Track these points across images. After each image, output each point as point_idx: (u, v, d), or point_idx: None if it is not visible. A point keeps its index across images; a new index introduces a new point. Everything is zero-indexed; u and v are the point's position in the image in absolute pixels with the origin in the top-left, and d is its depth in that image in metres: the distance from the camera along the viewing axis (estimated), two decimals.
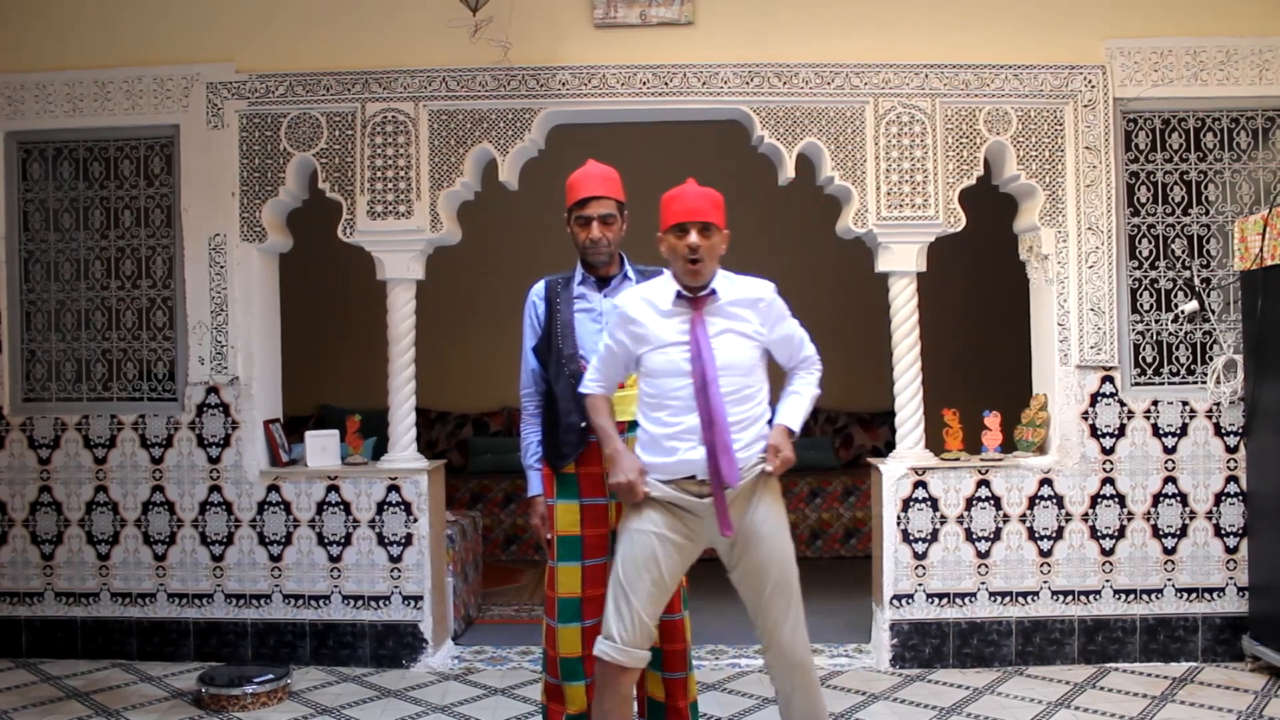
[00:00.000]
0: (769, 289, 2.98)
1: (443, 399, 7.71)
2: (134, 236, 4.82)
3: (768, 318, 2.95)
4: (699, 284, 2.86)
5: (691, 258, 2.82)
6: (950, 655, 4.57)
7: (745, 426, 2.88)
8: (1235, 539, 4.59)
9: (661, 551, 2.85)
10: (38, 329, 4.86)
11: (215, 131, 4.69)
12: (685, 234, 2.83)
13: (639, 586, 2.84)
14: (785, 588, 2.89)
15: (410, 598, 4.63)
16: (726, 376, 2.83)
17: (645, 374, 2.92)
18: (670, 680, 3.28)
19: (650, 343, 2.88)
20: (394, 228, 4.66)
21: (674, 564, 2.90)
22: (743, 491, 2.87)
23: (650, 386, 2.90)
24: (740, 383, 2.87)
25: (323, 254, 5.80)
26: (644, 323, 2.89)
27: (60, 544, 4.78)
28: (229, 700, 4.08)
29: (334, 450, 4.77)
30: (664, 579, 2.88)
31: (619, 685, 2.84)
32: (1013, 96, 4.62)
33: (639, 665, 2.86)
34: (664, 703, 3.31)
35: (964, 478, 4.60)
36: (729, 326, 2.88)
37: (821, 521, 6.98)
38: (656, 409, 2.88)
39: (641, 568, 2.85)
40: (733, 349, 2.87)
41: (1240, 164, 4.68)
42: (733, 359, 2.86)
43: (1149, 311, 4.68)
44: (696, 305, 2.86)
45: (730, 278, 2.96)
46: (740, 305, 2.92)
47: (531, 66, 4.65)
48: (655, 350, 2.87)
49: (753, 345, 2.92)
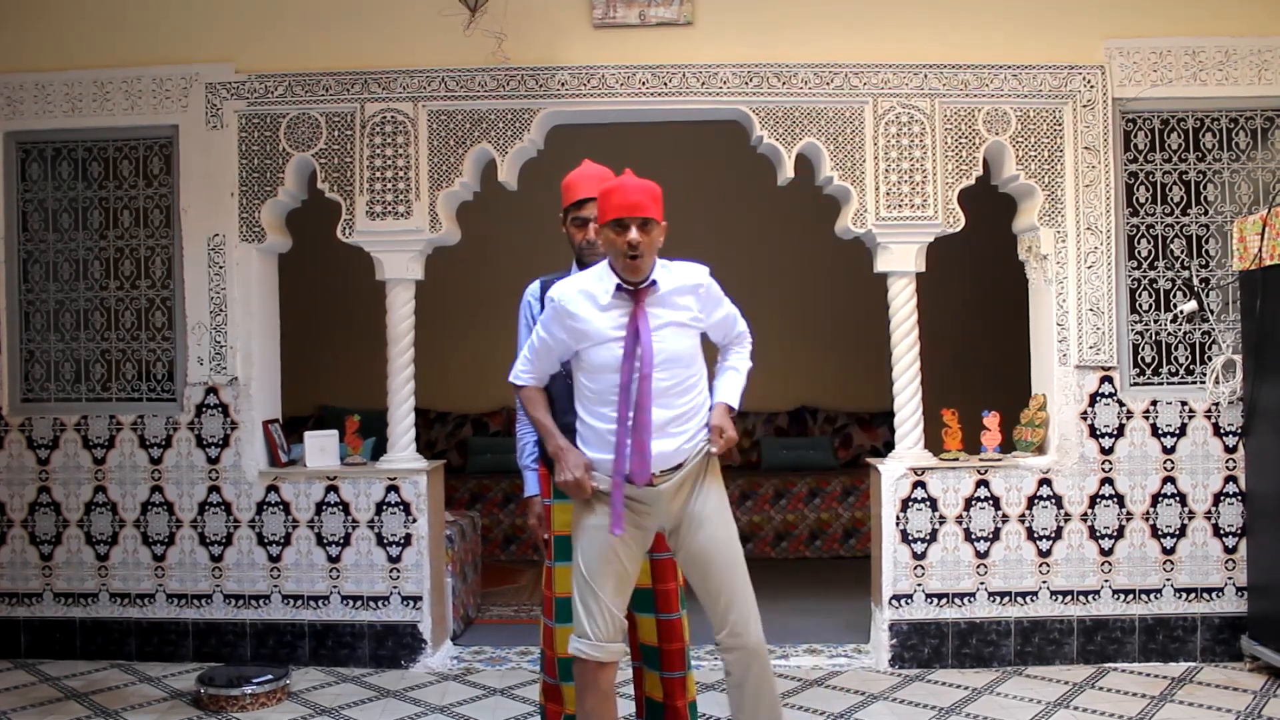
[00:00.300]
0: (705, 273, 2.95)
1: (442, 399, 7.71)
2: (133, 237, 4.82)
3: (706, 303, 2.94)
4: (639, 279, 2.83)
5: (631, 254, 2.77)
6: (949, 655, 4.57)
7: (689, 417, 2.88)
8: (1234, 539, 4.59)
9: (619, 544, 2.85)
10: (36, 329, 4.86)
11: (214, 132, 4.69)
12: (625, 230, 2.76)
13: (604, 582, 2.84)
14: (731, 570, 2.89)
15: (409, 598, 4.63)
16: (670, 369, 2.82)
17: (585, 369, 2.88)
18: (668, 680, 3.28)
19: (591, 338, 2.84)
20: (393, 228, 4.66)
21: (632, 553, 2.90)
22: (689, 475, 2.88)
23: (590, 381, 2.87)
24: (683, 374, 2.86)
25: (322, 254, 5.80)
26: (584, 318, 2.84)
27: (59, 544, 4.78)
28: (228, 701, 4.08)
29: (333, 450, 4.77)
30: (626, 570, 2.88)
31: (598, 682, 2.84)
32: (1012, 96, 4.62)
33: (615, 659, 2.85)
34: (662, 702, 3.31)
35: (963, 478, 4.60)
36: (671, 318, 2.85)
37: (820, 521, 6.98)
38: (599, 403, 2.85)
39: (603, 562, 2.84)
40: (675, 341, 2.85)
41: (1239, 164, 4.68)
42: (675, 351, 2.84)
43: (1148, 311, 4.68)
44: (637, 298, 2.81)
45: (667, 265, 2.91)
46: (680, 293, 2.88)
47: (531, 67, 4.64)
48: (596, 346, 2.84)
49: (693, 334, 2.92)
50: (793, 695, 4.23)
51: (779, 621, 5.29)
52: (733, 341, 3.12)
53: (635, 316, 2.80)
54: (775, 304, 7.89)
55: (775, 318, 7.89)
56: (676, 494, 2.87)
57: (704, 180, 7.73)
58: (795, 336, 7.87)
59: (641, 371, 2.77)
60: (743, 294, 8.45)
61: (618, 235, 2.77)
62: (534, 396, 3.03)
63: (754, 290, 7.77)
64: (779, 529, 6.97)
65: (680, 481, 2.87)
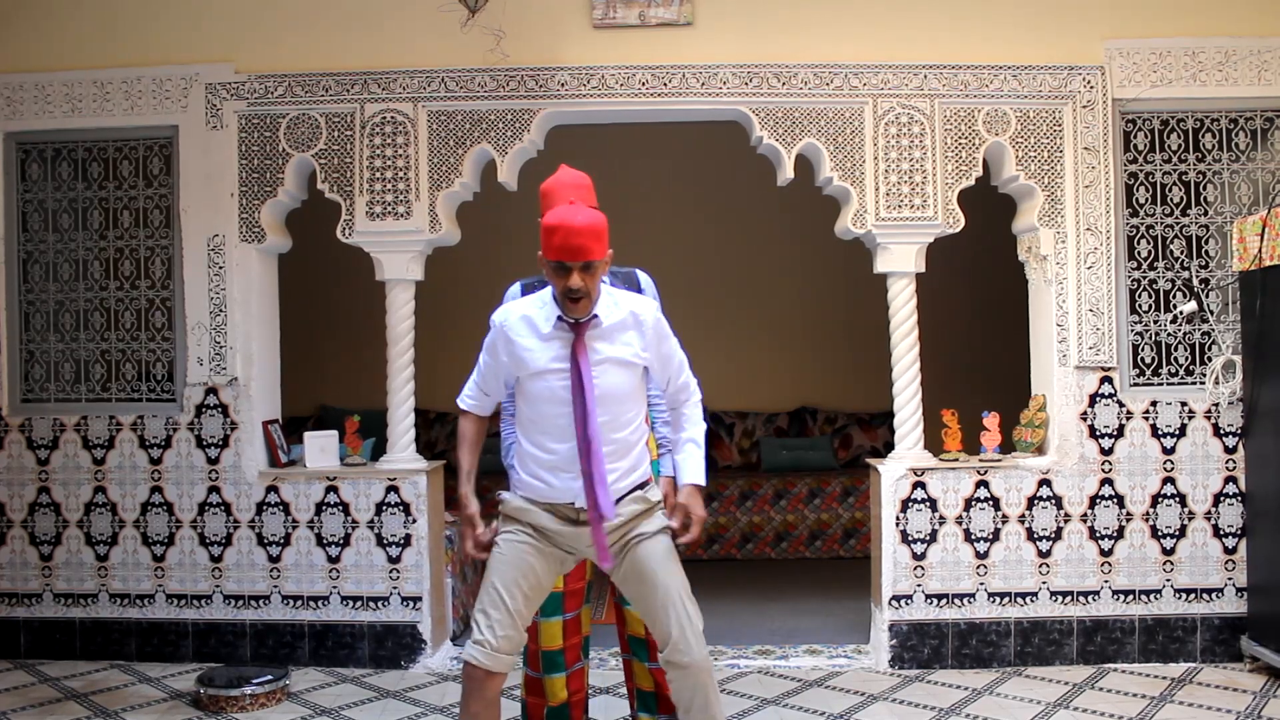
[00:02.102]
0: (652, 309, 2.88)
1: (442, 399, 7.67)
2: (133, 237, 4.82)
3: (650, 339, 2.85)
4: (581, 314, 2.75)
5: (572, 298, 2.70)
6: (949, 656, 4.57)
7: (623, 454, 2.82)
8: (1234, 539, 4.59)
9: (537, 561, 2.82)
10: (36, 330, 4.86)
11: (214, 132, 4.69)
12: (567, 274, 2.68)
13: (515, 593, 2.79)
14: (667, 588, 2.80)
15: (409, 598, 4.63)
16: (605, 404, 2.76)
17: (524, 397, 2.85)
18: (657, 670, 3.35)
19: (529, 367, 2.79)
20: (393, 228, 4.66)
21: (550, 570, 2.87)
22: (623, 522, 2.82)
23: (529, 409, 2.84)
24: (617, 410, 2.79)
25: (322, 254, 5.81)
26: (524, 346, 2.80)
27: (59, 545, 4.78)
28: (228, 701, 4.08)
29: (333, 451, 4.77)
30: (540, 584, 2.85)
31: (485, 690, 2.79)
32: (1011, 97, 4.62)
33: (505, 671, 2.80)
34: (653, 692, 3.37)
35: (963, 478, 4.60)
36: (610, 354, 2.78)
37: (820, 522, 6.98)
38: (535, 432, 2.83)
39: (519, 575, 2.80)
40: (613, 378, 2.78)
41: (1239, 165, 4.68)
42: (613, 387, 2.78)
43: (1148, 312, 4.68)
44: (578, 331, 2.76)
45: (614, 295, 2.85)
46: (622, 329, 2.81)
47: (530, 67, 4.64)
48: (534, 376, 2.79)
49: (634, 371, 2.84)
50: (793, 696, 4.23)
51: (779, 622, 5.30)
52: (680, 397, 2.99)
53: (576, 352, 2.74)
54: (775, 304, 7.91)
55: (775, 318, 7.91)
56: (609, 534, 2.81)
57: (704, 181, 7.73)
58: (795, 337, 7.87)
59: (587, 408, 2.72)
60: (743, 294, 8.51)
61: (558, 278, 2.71)
62: (467, 431, 3.00)
63: (754, 291, 7.83)
64: (779, 529, 6.96)
65: (611, 527, 2.80)
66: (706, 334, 7.12)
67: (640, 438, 2.89)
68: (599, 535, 2.77)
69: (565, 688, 3.39)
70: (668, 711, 3.34)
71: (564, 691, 3.39)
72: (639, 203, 7.28)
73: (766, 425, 7.81)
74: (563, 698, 3.40)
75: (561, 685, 3.38)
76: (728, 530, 6.90)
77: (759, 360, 7.91)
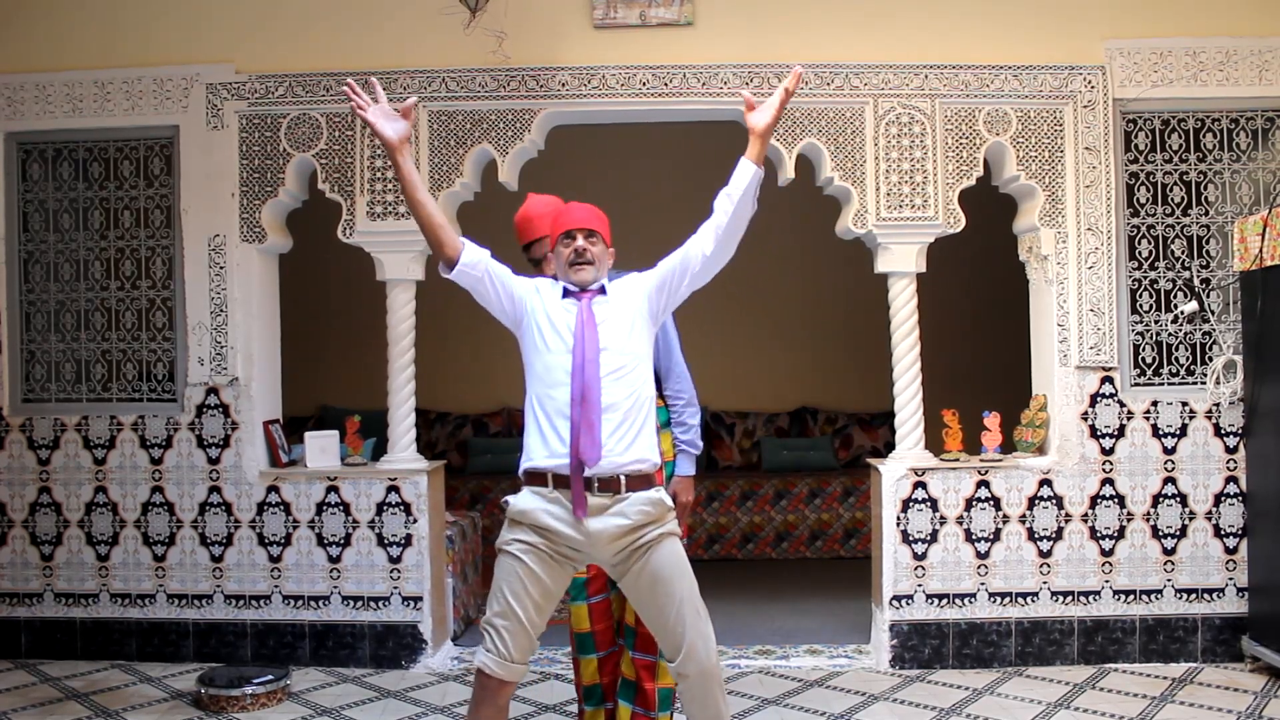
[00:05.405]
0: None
1: (442, 399, 7.71)
2: (133, 237, 4.82)
3: (646, 278, 2.99)
4: (587, 280, 2.92)
5: (578, 260, 2.92)
6: (950, 656, 4.57)
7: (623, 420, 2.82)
8: (1235, 539, 4.59)
9: (544, 569, 2.81)
10: (37, 330, 4.86)
11: (215, 132, 4.70)
12: (572, 239, 2.95)
13: (525, 602, 2.79)
14: (678, 594, 2.80)
15: (410, 598, 4.63)
16: (607, 354, 2.83)
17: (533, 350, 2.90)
18: (639, 660, 3.39)
19: (540, 313, 2.90)
20: (394, 228, 4.66)
21: (558, 578, 2.86)
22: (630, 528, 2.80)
23: (537, 361, 2.88)
24: (619, 360, 2.84)
25: (323, 254, 5.80)
26: (545, 295, 2.94)
27: (60, 545, 4.78)
28: (228, 701, 4.08)
29: (333, 451, 4.77)
30: (550, 591, 2.84)
31: (497, 697, 2.79)
32: (1012, 97, 4.62)
33: (517, 679, 2.81)
34: (634, 682, 3.41)
35: (963, 478, 4.60)
36: (614, 310, 2.91)
37: (821, 522, 6.98)
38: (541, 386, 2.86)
39: (528, 583, 2.79)
40: (619, 327, 2.88)
41: (1240, 164, 4.68)
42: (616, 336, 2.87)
43: (1148, 312, 4.68)
44: (584, 296, 2.92)
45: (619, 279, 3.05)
46: (626, 291, 2.96)
47: (531, 67, 4.65)
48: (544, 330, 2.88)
49: (642, 327, 2.92)
50: (793, 696, 4.23)
51: (779, 622, 5.30)
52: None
53: (581, 310, 2.88)
54: (776, 305, 7.90)
55: (776, 318, 7.91)
56: (613, 542, 2.81)
57: (704, 181, 7.70)
58: (796, 337, 7.87)
59: (586, 356, 2.80)
60: (744, 294, 8.51)
61: (566, 246, 2.95)
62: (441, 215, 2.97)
63: (755, 291, 7.82)
64: (779, 529, 6.96)
65: (617, 532, 2.80)
66: (707, 334, 7.11)
67: (646, 414, 2.89)
68: (577, 485, 2.77)
69: (596, 669, 3.46)
70: (644, 705, 3.39)
71: (595, 673, 3.46)
72: (639, 203, 7.27)
73: (767, 425, 7.81)
74: (594, 678, 3.47)
75: (593, 666, 3.45)
76: (728, 530, 6.91)
77: (760, 360, 7.90)
